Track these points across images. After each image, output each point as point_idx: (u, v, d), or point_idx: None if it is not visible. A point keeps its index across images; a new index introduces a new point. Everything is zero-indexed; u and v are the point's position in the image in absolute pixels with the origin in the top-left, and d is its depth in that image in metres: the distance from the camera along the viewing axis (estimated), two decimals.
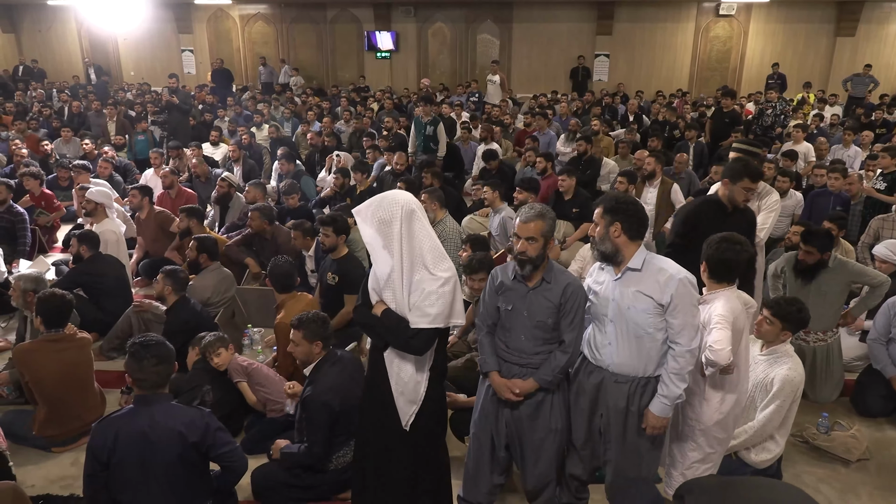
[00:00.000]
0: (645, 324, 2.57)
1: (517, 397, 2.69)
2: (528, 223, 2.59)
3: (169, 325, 4.12)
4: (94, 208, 5.26)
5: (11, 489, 2.24)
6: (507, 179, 7.28)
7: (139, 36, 16.31)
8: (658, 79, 15.25)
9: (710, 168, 6.90)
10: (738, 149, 4.06)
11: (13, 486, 2.30)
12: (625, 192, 5.62)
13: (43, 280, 4.25)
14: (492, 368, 2.76)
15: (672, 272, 2.54)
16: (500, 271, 2.79)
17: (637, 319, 2.57)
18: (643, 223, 2.62)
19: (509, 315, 2.70)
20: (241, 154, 8.03)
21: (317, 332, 3.15)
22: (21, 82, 15.25)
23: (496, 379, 2.74)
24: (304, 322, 3.16)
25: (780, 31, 14.92)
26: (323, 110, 11.15)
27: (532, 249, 2.59)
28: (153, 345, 2.59)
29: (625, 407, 2.66)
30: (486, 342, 2.81)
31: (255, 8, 16.60)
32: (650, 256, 2.62)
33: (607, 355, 2.66)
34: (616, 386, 2.66)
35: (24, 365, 3.47)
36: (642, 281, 2.57)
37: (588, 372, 2.75)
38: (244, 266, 5.37)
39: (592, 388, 2.73)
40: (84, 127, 10.60)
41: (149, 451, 2.52)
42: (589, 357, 2.75)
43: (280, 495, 3.18)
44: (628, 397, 2.65)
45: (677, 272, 2.55)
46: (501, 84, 13.57)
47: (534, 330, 2.66)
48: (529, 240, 2.59)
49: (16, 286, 4.13)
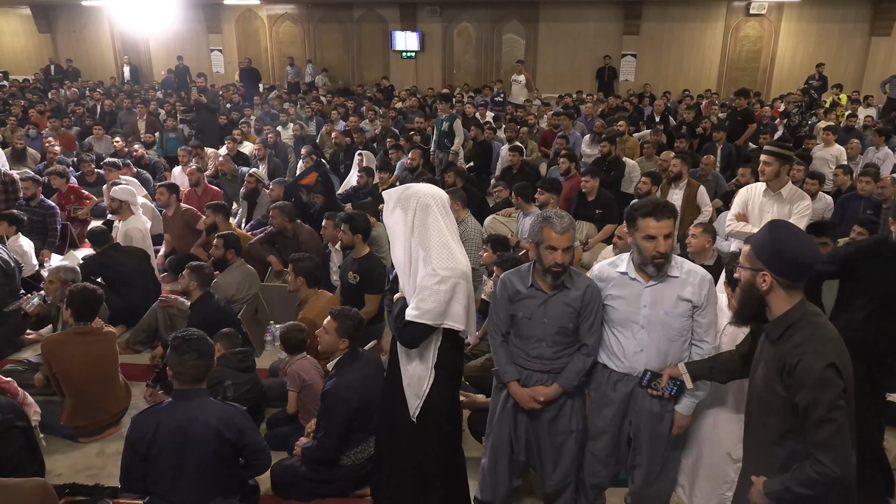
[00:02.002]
0: (680, 327, 2.56)
1: (541, 405, 2.68)
2: (565, 234, 2.54)
3: (193, 320, 4.18)
4: (119, 206, 5.36)
5: (41, 486, 2.29)
6: (530, 180, 7.24)
7: (170, 36, 16.60)
8: (686, 79, 15.04)
9: (737, 170, 6.78)
10: (769, 152, 3.96)
11: (42, 482, 2.35)
12: (647, 193, 5.58)
13: (79, 272, 4.35)
14: (512, 378, 2.72)
15: (700, 272, 2.56)
16: (512, 278, 2.71)
17: (673, 324, 2.56)
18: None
19: (528, 324, 2.66)
20: (266, 152, 8.14)
21: (348, 330, 3.17)
22: (55, 81, 15.64)
23: (517, 390, 2.70)
24: (342, 316, 3.19)
25: (812, 30, 14.61)
26: (348, 109, 11.22)
27: (568, 258, 2.57)
28: (195, 339, 2.64)
29: (660, 411, 2.64)
30: (501, 352, 2.76)
31: (283, 8, 16.78)
32: (680, 259, 2.61)
33: (639, 362, 2.61)
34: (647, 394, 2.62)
35: (52, 356, 3.55)
36: (683, 286, 2.54)
37: (613, 382, 2.68)
38: (267, 264, 5.43)
39: (622, 397, 2.67)
40: (115, 125, 10.83)
41: (185, 445, 2.57)
42: (612, 366, 2.67)
43: (299, 490, 3.21)
44: (662, 401, 2.62)
45: (703, 271, 2.57)
46: (527, 84, 13.52)
47: (556, 336, 2.64)
48: (566, 250, 2.55)
49: (55, 277, 4.20)
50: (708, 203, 5.94)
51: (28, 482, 2.26)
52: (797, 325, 1.95)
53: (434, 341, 2.58)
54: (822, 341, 1.91)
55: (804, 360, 1.87)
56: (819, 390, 1.84)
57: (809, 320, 1.95)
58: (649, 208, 2.49)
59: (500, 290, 2.73)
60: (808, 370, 1.86)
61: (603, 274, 2.70)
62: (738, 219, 4.05)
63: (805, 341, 1.91)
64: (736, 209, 4.11)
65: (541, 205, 5.37)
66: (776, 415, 2.01)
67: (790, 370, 1.90)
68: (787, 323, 1.96)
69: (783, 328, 1.97)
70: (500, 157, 8.29)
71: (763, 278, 1.96)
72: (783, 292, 1.96)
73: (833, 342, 1.93)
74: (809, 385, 1.86)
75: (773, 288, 1.96)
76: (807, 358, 1.87)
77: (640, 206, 2.54)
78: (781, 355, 1.95)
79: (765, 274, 1.95)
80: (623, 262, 2.65)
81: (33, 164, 8.43)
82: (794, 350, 1.91)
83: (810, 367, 1.86)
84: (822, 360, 1.85)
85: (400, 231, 2.53)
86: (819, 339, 1.92)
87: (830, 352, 1.88)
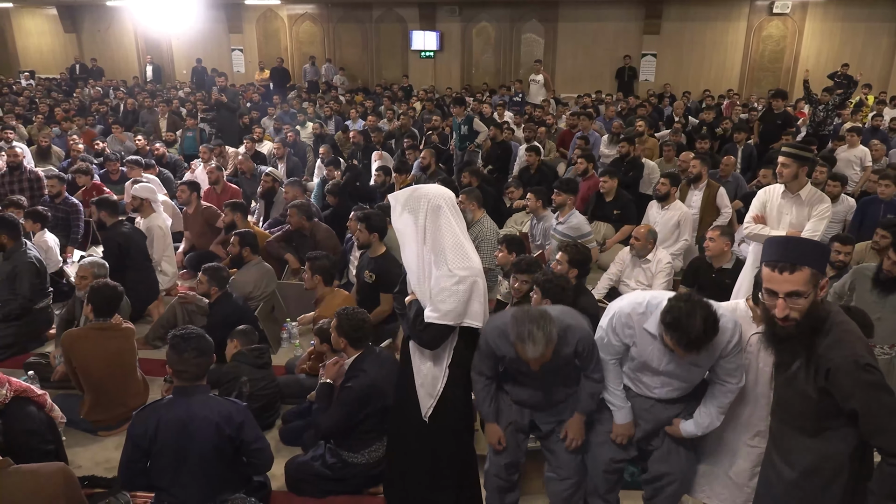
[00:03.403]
0: (703, 371, 2.48)
1: (579, 443, 2.68)
2: (543, 356, 2.36)
3: (212, 318, 4.24)
4: (140, 204, 5.44)
5: (61, 470, 2.32)
6: (547, 181, 7.22)
7: (191, 36, 16.81)
8: (707, 79, 14.87)
9: (758, 172, 6.70)
10: (787, 153, 3.89)
11: (62, 466, 2.39)
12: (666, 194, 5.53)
13: (108, 267, 4.41)
14: (491, 420, 2.70)
15: (725, 332, 2.29)
16: (499, 343, 2.50)
17: (695, 373, 2.47)
18: None
19: (524, 376, 2.61)
20: (285, 151, 8.21)
21: (344, 329, 3.18)
22: (80, 80, 15.92)
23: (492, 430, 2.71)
24: (342, 315, 3.20)
25: (837, 30, 14.35)
26: (367, 109, 11.27)
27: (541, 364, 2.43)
28: (193, 337, 2.67)
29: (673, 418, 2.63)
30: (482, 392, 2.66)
31: (303, 8, 16.90)
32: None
33: (658, 393, 2.57)
34: (667, 407, 2.60)
35: (72, 351, 3.61)
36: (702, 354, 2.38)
37: (631, 397, 2.64)
38: (284, 261, 5.48)
39: (639, 410, 2.63)
40: (137, 123, 10.99)
41: (186, 440, 2.60)
42: (632, 388, 2.62)
43: (313, 487, 3.23)
44: (678, 414, 2.60)
45: (730, 322, 2.32)
46: (545, 84, 13.47)
47: (557, 385, 2.63)
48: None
49: (87, 272, 4.24)
50: (728, 205, 5.88)
51: (48, 467, 2.29)
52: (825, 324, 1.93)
53: (450, 341, 2.59)
54: (853, 338, 1.91)
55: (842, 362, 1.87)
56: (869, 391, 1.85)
57: (834, 318, 1.94)
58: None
59: (486, 347, 2.57)
60: (848, 369, 1.86)
61: (631, 321, 2.46)
62: (756, 221, 3.99)
63: (838, 343, 1.90)
64: (754, 211, 4.05)
65: (558, 206, 5.34)
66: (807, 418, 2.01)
67: (826, 375, 1.88)
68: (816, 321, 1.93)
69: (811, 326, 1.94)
70: (518, 158, 8.28)
71: (823, 286, 1.93)
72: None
73: (860, 337, 1.93)
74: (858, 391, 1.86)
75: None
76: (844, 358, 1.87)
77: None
78: (813, 359, 1.93)
79: (825, 280, 1.92)
80: (653, 321, 2.38)
81: (58, 161, 8.59)
82: (830, 351, 1.89)
83: (850, 366, 1.86)
84: (861, 360, 1.86)
85: (410, 234, 2.52)
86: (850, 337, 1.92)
87: (862, 346, 1.89)
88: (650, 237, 4.82)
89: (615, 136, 8.09)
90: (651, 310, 2.40)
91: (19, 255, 4.56)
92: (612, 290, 4.99)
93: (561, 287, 3.10)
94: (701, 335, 2.17)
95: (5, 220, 4.64)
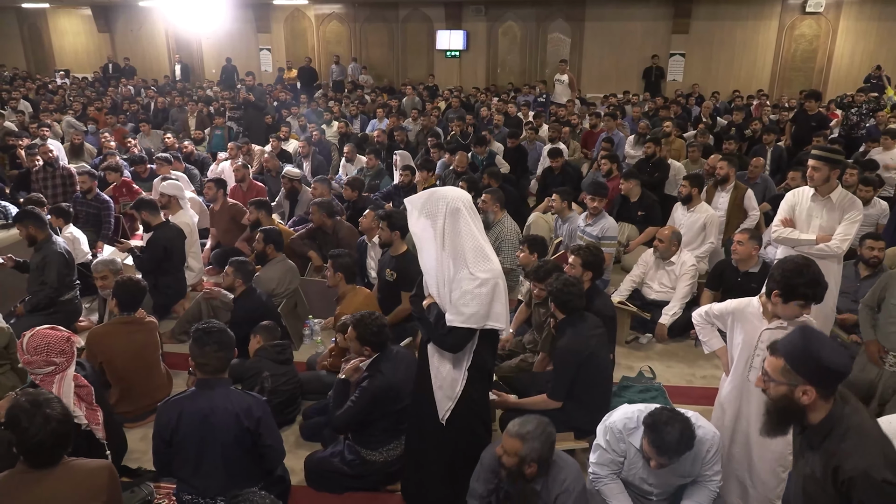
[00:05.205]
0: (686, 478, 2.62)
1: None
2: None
3: (236, 313, 4.29)
4: (167, 201, 5.53)
5: (108, 467, 2.37)
6: (571, 181, 7.17)
7: (220, 35, 17.05)
8: (737, 79, 14.61)
9: (787, 174, 6.56)
10: (817, 156, 3.80)
11: (109, 464, 2.44)
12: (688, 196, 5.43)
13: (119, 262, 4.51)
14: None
15: (698, 446, 2.49)
16: (489, 477, 2.58)
17: (678, 482, 2.63)
18: None
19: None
20: (310, 150, 8.28)
21: (366, 338, 3.17)
22: (113, 79, 16.26)
23: None
24: (359, 324, 3.19)
25: (872, 29, 13.99)
26: (391, 108, 11.32)
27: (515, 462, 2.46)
28: (215, 331, 2.70)
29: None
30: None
31: (331, 8, 17.03)
32: None
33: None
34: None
35: (97, 347, 3.67)
36: (681, 464, 2.53)
37: None
38: (307, 259, 5.53)
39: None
40: (167, 122, 11.19)
41: (208, 432, 2.64)
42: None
43: (332, 483, 3.26)
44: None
45: (709, 433, 2.55)
46: (570, 84, 13.37)
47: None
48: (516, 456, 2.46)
49: (105, 272, 4.33)
50: (755, 207, 5.77)
51: (94, 463, 2.34)
52: (838, 427, 1.90)
53: (471, 344, 2.59)
54: (869, 445, 1.87)
55: (858, 475, 1.83)
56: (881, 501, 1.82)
57: (849, 420, 1.91)
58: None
59: (479, 466, 2.64)
60: (864, 485, 1.82)
61: (623, 437, 2.60)
62: (785, 224, 3.91)
63: (853, 450, 1.86)
64: (782, 214, 3.96)
65: (592, 212, 5.19)
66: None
67: (844, 481, 1.85)
68: (829, 427, 1.92)
69: (825, 433, 1.92)
70: (542, 157, 8.23)
71: (805, 392, 1.89)
72: (822, 400, 1.91)
73: (878, 443, 1.89)
74: (872, 499, 1.83)
75: (815, 400, 1.90)
76: (859, 471, 1.83)
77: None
78: (828, 459, 1.90)
79: (807, 388, 1.89)
80: (638, 435, 2.53)
81: (89, 158, 8.78)
82: (846, 460, 1.86)
83: (866, 481, 1.82)
84: (877, 474, 1.81)
85: (429, 238, 2.51)
86: (865, 444, 1.87)
87: (878, 455, 1.84)
88: (674, 239, 4.75)
89: (641, 137, 8.01)
90: (636, 431, 2.55)
91: (48, 246, 4.67)
92: (635, 291, 4.94)
93: (571, 296, 3.18)
94: (674, 444, 2.36)
95: (29, 212, 4.74)
